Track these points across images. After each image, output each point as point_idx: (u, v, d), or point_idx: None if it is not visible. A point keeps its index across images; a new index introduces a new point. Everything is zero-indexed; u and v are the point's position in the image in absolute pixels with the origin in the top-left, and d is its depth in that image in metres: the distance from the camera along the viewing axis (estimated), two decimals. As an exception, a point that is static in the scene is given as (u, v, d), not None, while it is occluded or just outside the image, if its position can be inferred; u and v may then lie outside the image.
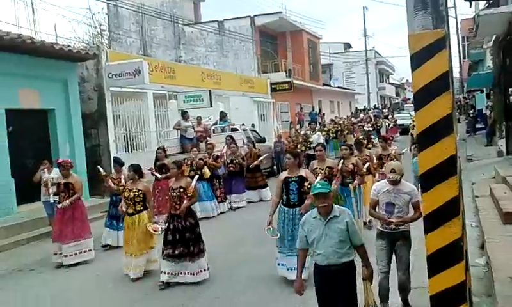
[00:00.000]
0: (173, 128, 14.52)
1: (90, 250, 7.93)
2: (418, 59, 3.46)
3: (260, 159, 12.28)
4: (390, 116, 31.55)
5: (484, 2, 16.80)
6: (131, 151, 15.35)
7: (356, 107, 42.07)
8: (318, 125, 24.67)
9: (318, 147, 7.62)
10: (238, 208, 11.80)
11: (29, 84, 11.14)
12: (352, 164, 7.80)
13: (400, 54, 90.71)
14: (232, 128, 14.99)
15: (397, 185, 4.91)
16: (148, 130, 16.40)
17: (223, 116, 15.91)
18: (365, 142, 13.01)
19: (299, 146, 14.35)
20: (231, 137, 12.86)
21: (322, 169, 7.03)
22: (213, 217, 10.89)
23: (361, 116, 32.06)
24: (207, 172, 10.79)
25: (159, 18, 26.05)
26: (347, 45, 55.32)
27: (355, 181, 7.83)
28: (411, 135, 14.47)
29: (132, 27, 27.55)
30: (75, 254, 7.71)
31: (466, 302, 3.51)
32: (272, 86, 25.52)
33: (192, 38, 27.30)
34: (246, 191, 12.13)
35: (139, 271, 6.85)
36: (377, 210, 5.05)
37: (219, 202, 11.28)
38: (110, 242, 8.72)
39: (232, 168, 11.82)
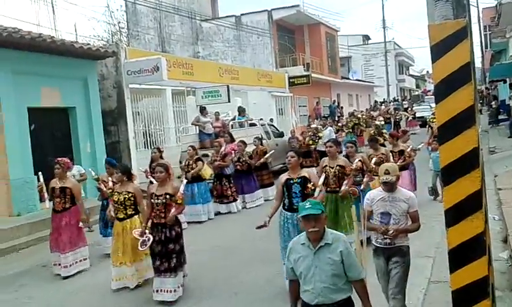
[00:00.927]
0: (192, 124, 14.59)
1: (86, 259, 7.44)
2: (438, 50, 3.39)
3: (266, 156, 11.64)
4: (410, 109, 31.13)
5: (507, -10, 16.40)
6: (151, 147, 15.48)
7: (376, 100, 41.62)
8: (336, 118, 24.49)
9: (329, 143, 7.12)
10: (252, 207, 11.17)
11: (50, 83, 11.32)
12: (360, 160, 7.21)
13: (420, 45, 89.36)
14: (250, 123, 14.99)
15: (393, 192, 4.34)
16: (167, 126, 16.54)
17: (241, 111, 15.92)
18: (380, 138, 12.51)
19: (307, 139, 13.60)
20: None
21: (333, 168, 6.77)
22: (204, 221, 10.07)
23: (382, 107, 31.69)
24: (206, 172, 10.25)
25: (176, 14, 26.16)
26: (366, 37, 54.73)
27: (364, 179, 7.22)
28: (431, 128, 13.85)
29: (150, 24, 27.73)
30: (72, 264, 7.19)
31: (488, 297, 3.45)
32: (290, 80, 25.44)
33: (209, 33, 27.36)
34: (259, 189, 11.62)
35: (136, 279, 6.41)
36: (372, 221, 4.48)
37: (229, 202, 10.79)
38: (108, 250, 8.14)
39: (239, 167, 11.23)
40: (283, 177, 5.90)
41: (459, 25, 3.35)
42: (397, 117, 25.69)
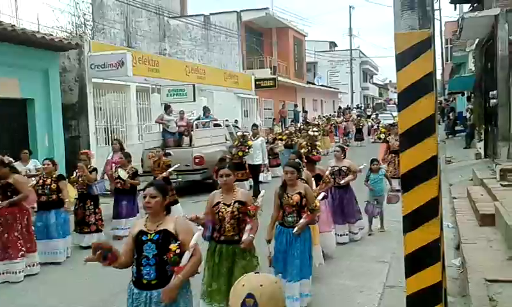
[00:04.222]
0: (155, 122, 14.39)
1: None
2: (403, 59, 3.46)
3: (169, 170, 9.63)
4: (374, 117, 31.78)
5: (469, 5, 17.03)
6: (112, 144, 15.16)
7: (340, 106, 42.31)
8: (300, 123, 24.61)
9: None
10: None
11: (8, 73, 10.88)
12: (299, 193, 5.12)
13: (385, 55, 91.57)
14: (214, 124, 14.92)
15: None
16: (130, 123, 16.25)
17: (206, 111, 15.82)
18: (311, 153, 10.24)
19: (234, 151, 12.12)
20: (118, 141, 10.66)
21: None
22: (61, 262, 7.39)
23: (353, 113, 32.18)
24: (70, 192, 8.01)
25: (144, 9, 25.75)
26: (333, 44, 55.59)
27: (301, 221, 5.07)
28: (387, 142, 12.44)
29: (117, 18, 27.19)
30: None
31: (441, 303, 3.53)
32: (257, 83, 25.53)
33: (177, 31, 27.09)
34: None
35: None
36: None
37: (90, 232, 8.07)
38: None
39: (119, 185, 8.68)
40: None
41: (424, 36, 3.43)
42: (360, 124, 26.16)
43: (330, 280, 6.17)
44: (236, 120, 20.57)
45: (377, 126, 28.00)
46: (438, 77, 36.85)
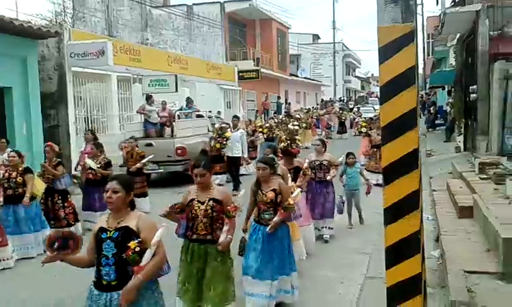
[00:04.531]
0: (137, 112, 14.22)
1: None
2: (386, 52, 3.45)
3: (143, 161, 9.69)
4: (356, 110, 31.97)
5: (451, 0, 17.18)
6: (84, 134, 14.96)
7: (322, 99, 42.48)
8: (282, 115, 24.53)
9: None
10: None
11: (-16, 60, 10.62)
12: (273, 190, 4.90)
13: (367, 48, 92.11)
14: (197, 115, 14.82)
15: None
16: (111, 113, 16.04)
17: (188, 102, 15.70)
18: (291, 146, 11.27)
19: (212, 142, 12.02)
20: (91, 131, 10.60)
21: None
22: (33, 257, 7.02)
23: (336, 106, 32.16)
24: (38, 186, 7.49)
25: (125, -2, 25.38)
26: (316, 37, 55.71)
27: (275, 218, 4.86)
28: (368, 136, 12.52)
29: (97, 6, 26.70)
30: None
31: (421, 294, 3.56)
32: (240, 74, 25.45)
33: (159, 21, 26.79)
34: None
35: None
36: None
37: (61, 226, 7.54)
38: None
39: (91, 176, 8.53)
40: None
41: (407, 29, 3.43)
42: (342, 117, 26.26)
43: (312, 272, 6.19)
44: (219, 111, 20.47)
45: (359, 120, 28.30)
46: (420, 71, 37.16)
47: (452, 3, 15.89)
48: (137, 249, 3.12)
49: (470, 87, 12.91)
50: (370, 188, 8.41)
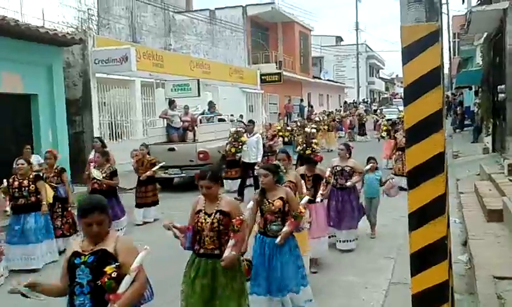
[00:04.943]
0: (159, 117, 14.34)
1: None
2: (410, 52, 3.35)
3: (154, 169, 9.40)
4: (379, 112, 31.51)
5: (476, -1, 16.77)
6: (116, 140, 15.17)
7: (345, 101, 42.12)
8: (305, 117, 24.35)
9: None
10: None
11: (11, 68, 10.85)
12: (281, 198, 4.56)
13: (391, 49, 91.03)
14: (219, 119, 14.84)
15: None
16: (135, 119, 16.23)
17: (211, 106, 15.74)
18: (308, 150, 10.55)
19: (228, 147, 11.77)
20: (99, 139, 10.26)
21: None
22: (38, 270, 6.71)
23: (360, 108, 31.64)
24: (49, 194, 7.20)
25: (149, 4, 25.67)
26: (339, 38, 55.32)
27: (285, 228, 4.52)
28: (395, 138, 12.09)
29: (122, 13, 27.11)
30: None
31: (448, 302, 3.45)
32: (262, 77, 25.46)
33: (182, 26, 27.01)
34: (125, 214, 8.52)
35: None
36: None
37: (58, 236, 7.32)
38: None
39: (96, 186, 8.05)
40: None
41: (431, 29, 3.33)
42: (364, 119, 25.76)
43: (335, 277, 6.10)
44: (241, 115, 20.49)
45: (381, 122, 27.85)
46: (445, 71, 36.52)
47: (479, 1, 15.50)
48: (115, 274, 2.76)
49: (498, 86, 12.54)
50: (393, 188, 7.69)
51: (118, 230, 7.96)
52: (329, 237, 6.81)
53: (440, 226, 3.36)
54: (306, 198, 5.11)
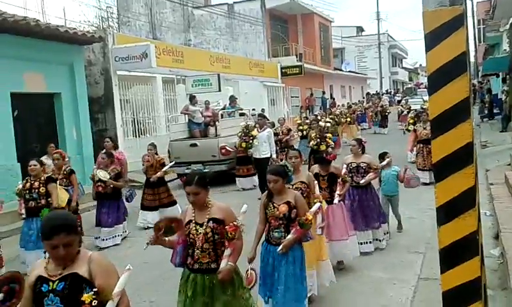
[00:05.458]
0: (181, 113, 14.34)
1: None
2: (433, 38, 3.19)
3: (164, 170, 8.98)
4: (404, 102, 30.71)
5: (502, -17, 16.24)
6: (139, 136, 15.27)
7: (368, 92, 41.56)
8: (327, 110, 23.95)
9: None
10: (109, 247, 7.75)
11: (34, 68, 11.01)
12: (287, 202, 4.21)
13: (414, 38, 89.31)
14: (240, 113, 14.77)
15: None
16: (157, 115, 16.31)
17: (232, 101, 15.67)
18: (322, 146, 10.47)
19: (238, 142, 11.32)
20: (111, 138, 9.94)
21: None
22: None
23: (384, 98, 30.83)
24: (61, 197, 6.87)
25: (168, 0, 25.77)
26: (360, 29, 54.61)
27: (289, 236, 4.19)
28: (414, 131, 11.40)
29: (141, 10, 27.30)
30: None
31: (480, 299, 3.29)
32: (283, 70, 25.26)
33: (201, 21, 27.00)
34: (124, 221, 8.29)
35: None
36: None
37: None
38: None
39: (100, 189, 7.83)
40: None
41: (455, 13, 3.15)
42: (387, 111, 24.79)
43: (361, 272, 5.96)
44: (263, 109, 20.36)
45: (407, 112, 27.09)
46: (471, 59, 35.63)
47: (505, -15, 15.01)
48: (95, 302, 2.37)
49: (527, 73, 12.12)
50: (413, 179, 7.14)
51: (119, 236, 7.92)
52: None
53: (470, 220, 3.20)
54: (318, 204, 4.63)
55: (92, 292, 2.38)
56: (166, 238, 3.57)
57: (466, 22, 3.29)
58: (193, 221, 3.59)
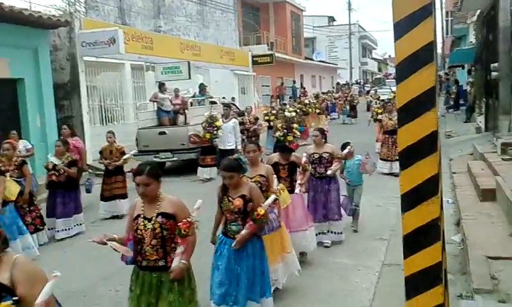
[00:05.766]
0: (150, 101, 14.14)
1: None
2: (402, 28, 3.23)
3: (124, 157, 8.62)
4: (373, 93, 30.96)
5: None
6: (106, 124, 14.98)
7: (338, 82, 41.94)
8: (296, 100, 23.92)
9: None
10: (67, 237, 7.53)
11: (-3, 52, 10.61)
12: (242, 196, 4.09)
13: (384, 29, 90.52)
14: (210, 102, 14.67)
15: None
16: (125, 102, 16.01)
17: (202, 89, 15.53)
18: (289, 136, 10.50)
19: (202, 132, 11.07)
20: (69, 126, 9.54)
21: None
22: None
23: (354, 88, 30.83)
24: (11, 190, 6.56)
25: (137, -15, 25.17)
26: (331, 19, 54.90)
27: (242, 232, 4.09)
28: (379, 121, 11.38)
29: (110, -5, 26.60)
30: None
31: (441, 283, 3.38)
32: (254, 59, 25.17)
33: (172, 7, 26.46)
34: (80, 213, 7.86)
35: None
36: None
37: (32, 232, 6.95)
38: None
39: (54, 178, 7.50)
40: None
41: (424, 2, 3.20)
42: (355, 101, 24.65)
43: (326, 259, 6.05)
44: (233, 97, 20.28)
45: (375, 103, 27.31)
46: (438, 50, 36.37)
47: (472, -22, 15.31)
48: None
49: (491, 65, 12.45)
50: (367, 164, 6.92)
51: (77, 225, 7.65)
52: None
53: (433, 207, 3.27)
54: (273, 197, 4.43)
55: (11, 301, 2.16)
56: (115, 237, 3.48)
57: (435, 12, 3.35)
58: (142, 216, 3.40)
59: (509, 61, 11.37)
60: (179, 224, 3.31)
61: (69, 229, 7.57)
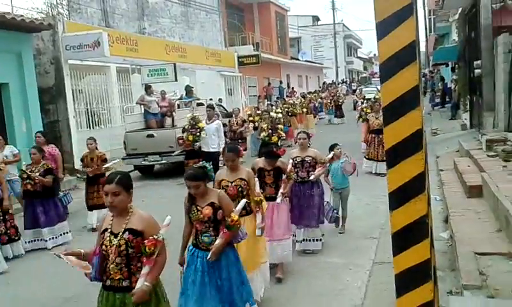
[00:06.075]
0: (136, 103, 14.06)
1: None
2: (384, 27, 3.26)
3: (106, 166, 8.33)
4: (359, 92, 30.87)
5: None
6: (93, 128, 14.86)
7: (324, 81, 42.10)
8: (281, 101, 23.81)
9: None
10: (56, 246, 7.26)
11: (-21, 57, 10.46)
12: (211, 204, 3.92)
13: (369, 28, 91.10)
14: (197, 103, 14.63)
15: None
16: (112, 105, 15.90)
17: (188, 91, 15.49)
18: (274, 137, 10.55)
19: (185, 135, 10.73)
20: (41, 132, 9.24)
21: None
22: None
23: (342, 88, 30.76)
24: None
25: (121, -13, 25.01)
26: (316, 18, 55.10)
27: (216, 243, 3.92)
28: (366, 121, 11.28)
29: (93, -3, 26.38)
30: None
31: (431, 280, 3.42)
32: (240, 60, 25.15)
33: (156, 8, 26.37)
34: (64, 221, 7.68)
35: None
36: None
37: (4, 243, 6.76)
38: None
39: (29, 187, 7.33)
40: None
41: (405, 2, 3.24)
42: (340, 100, 24.43)
43: (317, 258, 6.07)
44: (220, 99, 20.26)
45: (361, 102, 27.25)
46: (422, 49, 36.73)
47: (454, -24, 15.49)
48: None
49: (474, 62, 12.61)
50: (349, 167, 6.83)
51: (65, 233, 7.51)
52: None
53: (420, 205, 3.31)
54: (243, 202, 4.24)
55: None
56: (81, 251, 3.25)
57: (416, 11, 3.38)
58: (109, 230, 3.14)
59: (492, 58, 11.52)
60: (144, 241, 3.05)
61: (56, 237, 7.44)
